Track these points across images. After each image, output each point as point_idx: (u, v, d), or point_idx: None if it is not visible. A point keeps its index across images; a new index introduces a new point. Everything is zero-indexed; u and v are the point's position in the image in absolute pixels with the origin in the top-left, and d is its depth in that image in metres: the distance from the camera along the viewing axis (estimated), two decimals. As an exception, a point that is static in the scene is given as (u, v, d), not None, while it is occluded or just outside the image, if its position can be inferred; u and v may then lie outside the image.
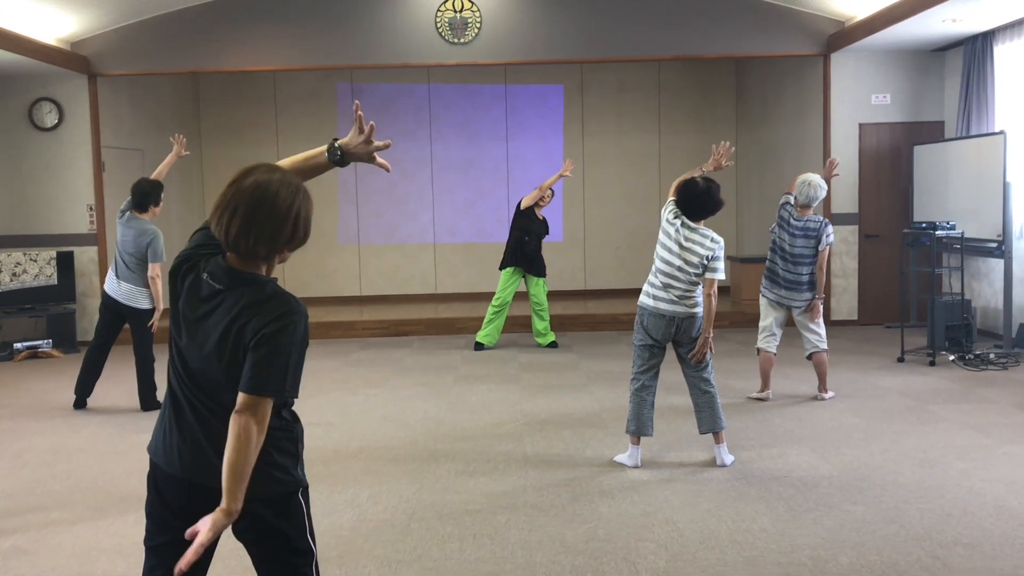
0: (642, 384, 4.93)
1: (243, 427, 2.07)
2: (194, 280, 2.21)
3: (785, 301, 6.28)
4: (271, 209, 2.12)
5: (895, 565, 3.57)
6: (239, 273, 2.18)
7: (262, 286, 2.18)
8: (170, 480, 2.26)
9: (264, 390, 2.08)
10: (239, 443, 2.06)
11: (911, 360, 7.75)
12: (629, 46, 9.61)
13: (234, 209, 2.12)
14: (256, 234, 2.13)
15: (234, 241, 2.14)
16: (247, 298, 2.15)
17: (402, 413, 6.33)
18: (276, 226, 2.14)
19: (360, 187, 12.18)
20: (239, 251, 2.16)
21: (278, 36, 9.56)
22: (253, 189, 2.13)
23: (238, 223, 2.12)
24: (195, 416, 2.22)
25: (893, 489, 4.48)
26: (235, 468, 2.06)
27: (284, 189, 2.15)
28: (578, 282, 12.30)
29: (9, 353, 8.94)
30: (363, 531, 4.07)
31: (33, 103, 9.55)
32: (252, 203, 2.12)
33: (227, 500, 2.07)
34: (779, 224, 6.25)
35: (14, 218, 9.64)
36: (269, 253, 2.18)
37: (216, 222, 2.16)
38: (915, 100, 9.66)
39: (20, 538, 4.09)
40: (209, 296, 2.18)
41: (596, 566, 3.63)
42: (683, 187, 4.87)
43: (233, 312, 2.14)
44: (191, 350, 2.20)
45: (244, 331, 2.11)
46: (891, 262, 9.58)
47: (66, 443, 5.76)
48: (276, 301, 2.15)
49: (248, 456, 2.07)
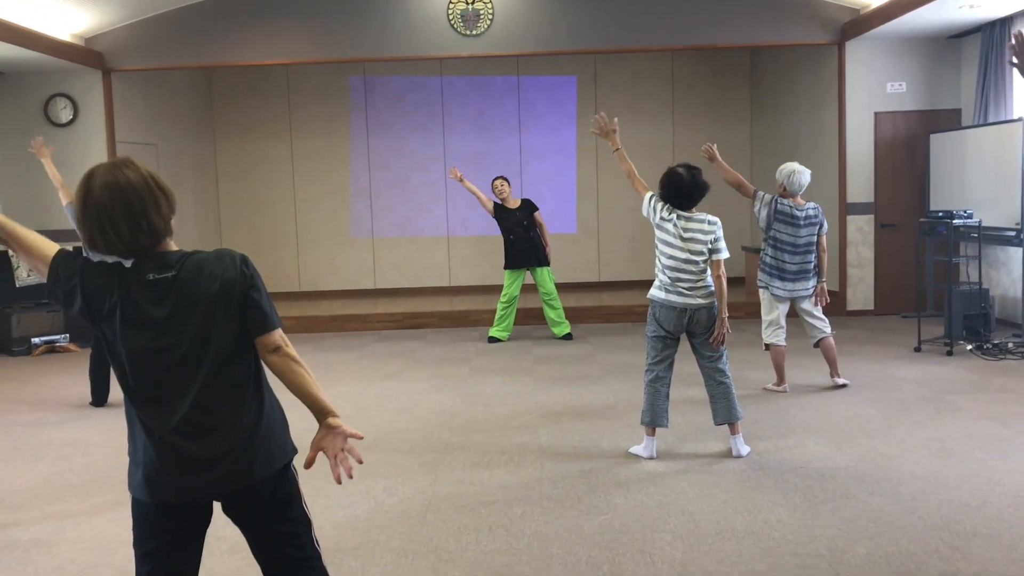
0: (656, 375, 4.92)
1: (290, 356, 2.22)
2: (135, 292, 2.16)
3: (793, 293, 6.26)
4: (134, 191, 2.14)
5: (913, 556, 3.56)
6: (174, 254, 2.21)
7: (198, 253, 2.24)
8: (174, 509, 2.24)
9: (277, 322, 2.24)
10: (299, 366, 2.22)
11: (928, 350, 7.70)
12: (642, 36, 9.57)
13: (108, 216, 2.11)
14: (146, 218, 2.14)
15: (133, 239, 2.14)
16: (203, 265, 2.19)
17: (417, 405, 6.34)
18: (152, 198, 2.16)
19: (373, 181, 12.19)
20: (143, 247, 2.16)
21: (291, 30, 9.57)
22: (106, 188, 2.12)
23: (124, 223, 2.12)
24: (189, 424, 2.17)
25: (910, 480, 4.46)
26: (312, 386, 2.22)
27: (124, 169, 2.16)
28: (592, 274, 12.28)
29: (27, 348, 9.01)
30: (379, 522, 4.07)
31: (48, 99, 9.60)
32: (117, 199, 2.12)
33: (329, 409, 2.22)
34: (778, 220, 6.17)
35: (31, 213, 9.69)
36: (165, 224, 2.20)
37: (102, 241, 2.13)
38: (931, 88, 9.57)
39: (39, 530, 4.12)
40: (165, 290, 2.16)
41: (612, 557, 3.63)
42: (668, 181, 4.84)
43: (202, 280, 2.17)
44: (170, 350, 2.16)
45: (230, 285, 2.17)
46: (907, 251, 9.51)
47: (84, 436, 5.79)
48: (226, 253, 2.23)
49: (310, 372, 2.24)
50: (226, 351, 2.18)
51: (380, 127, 12.12)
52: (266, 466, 2.23)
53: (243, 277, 2.19)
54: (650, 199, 4.95)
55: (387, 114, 12.13)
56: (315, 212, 12.21)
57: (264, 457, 2.23)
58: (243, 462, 2.20)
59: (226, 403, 2.19)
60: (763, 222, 6.23)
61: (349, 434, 2.21)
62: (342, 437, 2.20)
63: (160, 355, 2.16)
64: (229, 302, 2.17)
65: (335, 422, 2.21)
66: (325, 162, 12.16)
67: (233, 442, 2.19)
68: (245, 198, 12.19)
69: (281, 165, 12.18)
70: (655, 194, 4.95)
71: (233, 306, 2.17)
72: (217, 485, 2.21)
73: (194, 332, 2.16)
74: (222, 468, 2.19)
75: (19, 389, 7.38)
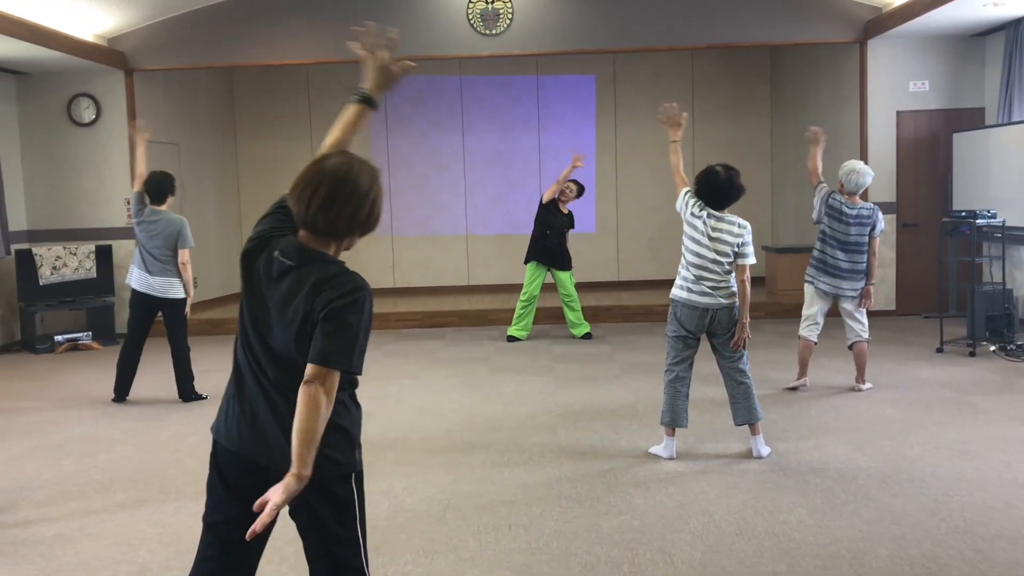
0: (676, 375, 4.90)
1: (312, 396, 2.11)
2: (267, 259, 2.26)
3: (838, 291, 6.22)
4: (354, 187, 2.20)
5: (936, 558, 3.53)
6: (310, 251, 2.23)
7: (331, 264, 2.24)
8: (228, 455, 2.32)
9: (332, 362, 2.13)
10: (309, 411, 2.11)
11: (950, 351, 7.63)
12: (662, 35, 9.54)
13: (317, 185, 2.19)
14: (337, 211, 2.19)
15: (313, 216, 2.20)
16: (316, 274, 2.20)
17: (437, 404, 6.35)
18: (357, 205, 2.21)
19: (393, 179, 12.22)
20: (316, 227, 2.21)
21: (311, 30, 9.61)
22: (337, 168, 2.20)
23: (320, 199, 2.18)
24: (259, 393, 2.27)
25: (933, 481, 4.42)
26: (305, 434, 2.10)
27: (366, 171, 2.24)
28: (611, 273, 12.26)
29: (50, 345, 9.09)
30: (399, 521, 4.09)
31: (71, 99, 9.68)
32: (336, 181, 2.19)
33: (297, 466, 2.11)
34: (829, 215, 6.17)
35: (54, 212, 9.78)
36: (346, 231, 2.24)
37: (296, 198, 2.21)
38: (954, 87, 9.49)
39: (63, 526, 4.16)
40: (280, 274, 2.23)
41: (632, 557, 3.62)
42: (704, 178, 4.82)
43: (304, 288, 2.18)
44: (261, 327, 2.25)
45: (314, 305, 2.16)
46: (929, 251, 9.44)
47: (106, 433, 5.84)
48: (345, 277, 2.21)
49: (317, 424, 2.12)
50: (299, 357, 2.18)
51: (400, 126, 12.15)
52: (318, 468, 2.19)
53: (329, 305, 2.14)
54: (684, 194, 4.94)
55: (407, 113, 12.15)
56: (335, 211, 12.23)
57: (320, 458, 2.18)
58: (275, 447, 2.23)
59: (284, 401, 2.22)
60: (816, 214, 6.30)
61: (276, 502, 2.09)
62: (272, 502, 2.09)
63: (260, 326, 2.25)
64: (307, 317, 2.17)
65: (287, 479, 2.11)
66: (345, 161, 12.18)
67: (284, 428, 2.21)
68: (266, 197, 12.19)
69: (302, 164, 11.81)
70: (690, 190, 4.93)
71: (307, 323, 2.17)
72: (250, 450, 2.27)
73: (283, 324, 2.21)
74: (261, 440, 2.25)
75: (43, 386, 7.45)
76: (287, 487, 2.10)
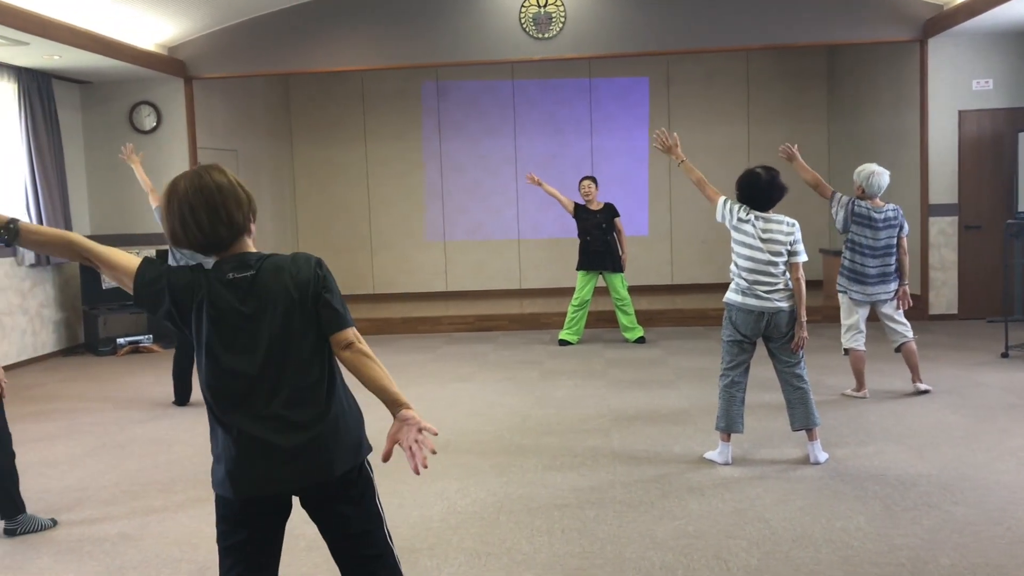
0: (731, 380, 4.85)
1: (363, 351, 2.27)
2: (216, 291, 2.24)
3: (873, 297, 6.10)
4: (217, 187, 2.24)
5: (1001, 568, 3.43)
6: (246, 255, 2.29)
7: (275, 255, 2.32)
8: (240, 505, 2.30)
9: (349, 320, 2.30)
10: (372, 361, 2.26)
11: (1016, 356, 7.43)
12: (716, 36, 9.46)
13: (190, 209, 2.22)
14: (226, 212, 2.24)
15: (212, 231, 2.23)
16: (279, 265, 2.27)
17: (489, 407, 6.37)
18: (233, 195, 2.26)
19: (446, 184, 12.29)
20: (221, 239, 2.25)
21: (366, 37, 9.71)
22: (190, 185, 2.24)
23: (205, 216, 2.22)
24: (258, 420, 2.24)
25: (997, 489, 4.31)
26: (385, 379, 2.26)
27: (209, 170, 2.28)
28: (664, 276, 12.18)
29: (112, 348, 9.31)
30: (452, 523, 4.10)
31: (133, 107, 9.92)
32: (200, 194, 2.23)
33: (402, 401, 2.25)
34: (856, 222, 6.04)
35: (117, 218, 10.03)
36: (245, 220, 2.29)
37: (183, 234, 2.24)
38: (1020, 84, 9.25)
39: (126, 525, 4.25)
40: (246, 289, 2.24)
41: (687, 563, 3.59)
42: (746, 181, 4.79)
43: (281, 281, 2.24)
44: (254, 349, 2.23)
45: (304, 286, 2.24)
46: (993, 254, 9.21)
47: (167, 434, 5.96)
48: (301, 256, 2.32)
49: (383, 368, 2.28)
50: (304, 349, 2.25)
51: (453, 131, 12.22)
52: (342, 462, 2.28)
53: (316, 278, 2.26)
54: (724, 203, 4.89)
55: (459, 118, 12.22)
56: (389, 215, 12.37)
57: (341, 454, 2.28)
58: (321, 458, 2.25)
59: (304, 400, 2.25)
60: (840, 224, 6.11)
61: (423, 426, 2.22)
62: (415, 429, 2.21)
63: (243, 353, 2.23)
64: (304, 302, 2.25)
65: (408, 414, 2.23)
66: (399, 166, 12.31)
67: (311, 438, 2.24)
68: (321, 201, 12.41)
69: (356, 169, 12.37)
70: (728, 198, 4.90)
71: (308, 305, 2.25)
72: (295, 480, 2.26)
73: (273, 330, 2.23)
74: (300, 463, 2.24)
75: (105, 388, 7.64)
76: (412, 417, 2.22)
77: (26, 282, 8.84)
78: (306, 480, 2.26)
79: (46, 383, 7.88)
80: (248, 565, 2.30)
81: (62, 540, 4.09)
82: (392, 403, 2.24)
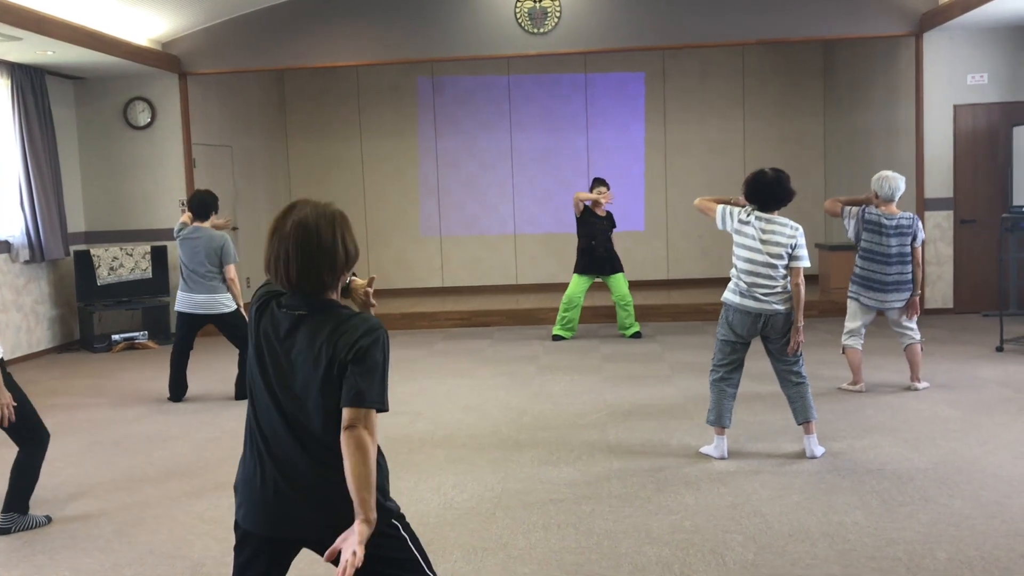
0: (721, 376, 4.86)
1: (358, 439, 2.12)
2: (271, 317, 2.27)
3: (885, 304, 6.10)
4: (318, 243, 2.21)
5: (996, 561, 3.44)
6: (316, 299, 2.25)
7: (341, 308, 2.26)
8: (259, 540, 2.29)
9: (369, 401, 2.15)
10: (359, 454, 2.12)
11: (1011, 350, 7.44)
12: (712, 31, 9.45)
13: (287, 255, 2.21)
14: (316, 270, 2.21)
15: (298, 283, 2.22)
16: (332, 321, 2.21)
17: (485, 403, 6.36)
18: (330, 256, 2.23)
19: (441, 179, 12.27)
20: (305, 290, 2.23)
21: (360, 32, 9.69)
22: (296, 230, 2.21)
23: (296, 266, 2.20)
24: (283, 458, 2.22)
25: (993, 483, 4.31)
26: (361, 478, 2.11)
27: (323, 220, 2.24)
28: (661, 271, 12.18)
29: (107, 344, 9.29)
30: (448, 518, 4.10)
31: (127, 102, 9.88)
32: (300, 243, 2.20)
33: (364, 511, 2.11)
34: (866, 229, 6.04)
35: (111, 214, 10.00)
36: (334, 280, 2.26)
37: (274, 273, 2.24)
38: (1014, 79, 9.25)
39: (121, 520, 4.24)
40: (292, 327, 2.23)
41: (683, 557, 3.59)
42: (754, 180, 4.78)
43: (322, 334, 2.19)
44: (282, 386, 2.22)
45: (337, 348, 2.17)
46: (988, 248, 9.21)
47: (162, 430, 5.95)
48: (360, 319, 2.24)
49: (370, 465, 2.13)
50: (328, 403, 2.19)
51: (448, 126, 12.20)
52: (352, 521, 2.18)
53: (355, 346, 2.17)
54: (723, 209, 4.90)
55: (455, 113, 12.20)
56: (385, 211, 12.35)
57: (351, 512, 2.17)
58: (334, 510, 2.19)
59: (326, 450, 2.20)
60: (852, 234, 6.15)
61: (356, 550, 2.06)
62: (350, 549, 2.07)
63: (277, 388, 2.23)
64: (332, 362, 2.18)
65: (357, 527, 2.10)
66: (394, 161, 12.29)
67: (326, 491, 2.20)
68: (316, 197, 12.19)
69: (351, 165, 12.35)
70: (725, 204, 4.92)
71: (334, 368, 2.18)
72: (304, 529, 2.24)
73: (305, 376, 2.20)
74: (310, 513, 2.21)
75: (100, 384, 7.62)
76: (360, 535, 2.08)
77: (20, 279, 8.81)
78: (313, 532, 2.23)
79: (41, 380, 7.86)
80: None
81: (57, 536, 4.08)
82: (356, 506, 2.12)
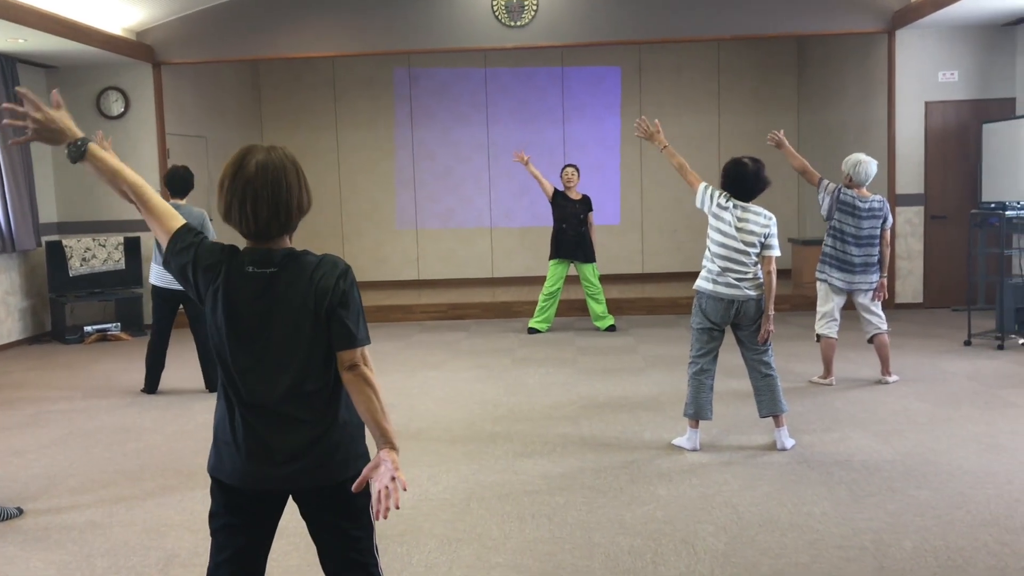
0: (700, 368, 4.90)
1: (364, 376, 2.18)
2: (233, 281, 2.21)
3: (854, 286, 6.17)
4: (287, 183, 2.20)
5: (961, 550, 3.51)
6: (280, 252, 2.23)
7: (306, 254, 2.25)
8: (235, 492, 2.29)
9: (360, 340, 2.20)
10: (369, 389, 2.18)
11: (978, 344, 7.56)
12: (687, 26, 9.50)
13: (254, 197, 2.17)
14: (286, 210, 2.20)
15: (266, 225, 2.20)
16: (304, 269, 2.21)
17: (460, 395, 6.38)
18: (297, 197, 2.22)
19: (417, 172, 12.26)
20: (271, 233, 2.21)
21: (336, 22, 9.65)
22: (262, 172, 2.18)
23: (266, 208, 2.18)
24: (261, 414, 2.23)
25: (959, 474, 4.39)
26: (376, 411, 2.17)
27: (286, 161, 2.23)
28: (635, 265, 12.24)
29: (80, 336, 9.22)
30: (423, 510, 4.12)
31: (101, 92, 9.79)
32: (269, 185, 2.18)
33: (387, 439, 2.17)
34: (840, 210, 6.11)
35: (84, 205, 9.90)
36: (296, 222, 2.26)
37: (238, 217, 2.19)
38: (984, 77, 9.38)
39: (94, 513, 4.23)
40: (263, 286, 2.20)
41: (655, 547, 3.63)
42: (733, 169, 4.83)
43: (299, 285, 2.19)
44: (262, 345, 2.21)
45: (321, 295, 2.18)
46: (958, 243, 9.35)
47: (135, 423, 5.92)
48: (328, 261, 2.24)
49: (381, 399, 2.19)
50: (313, 355, 2.20)
51: (424, 118, 12.18)
52: (340, 471, 2.25)
53: (336, 291, 2.19)
54: (705, 188, 4.93)
55: (431, 105, 12.18)
56: (360, 203, 12.32)
57: (338, 463, 2.25)
58: (317, 463, 2.23)
59: (306, 405, 2.22)
60: (825, 211, 6.19)
61: (395, 475, 2.13)
62: (388, 476, 2.12)
63: (251, 347, 2.21)
64: (319, 311, 2.18)
65: (387, 456, 2.15)
66: (370, 153, 12.26)
67: (309, 442, 2.22)
68: (291, 189, 12.30)
69: (327, 156, 12.30)
70: (709, 184, 4.95)
71: (322, 315, 2.19)
72: (289, 481, 2.25)
73: (284, 330, 2.19)
74: (296, 465, 2.23)
75: (73, 376, 7.56)
76: (394, 461, 2.13)
77: (-9, 269, 8.72)
78: (300, 483, 2.26)
79: (12, 371, 7.79)
80: (235, 551, 2.30)
81: (29, 528, 4.06)
82: (378, 437, 2.19)
